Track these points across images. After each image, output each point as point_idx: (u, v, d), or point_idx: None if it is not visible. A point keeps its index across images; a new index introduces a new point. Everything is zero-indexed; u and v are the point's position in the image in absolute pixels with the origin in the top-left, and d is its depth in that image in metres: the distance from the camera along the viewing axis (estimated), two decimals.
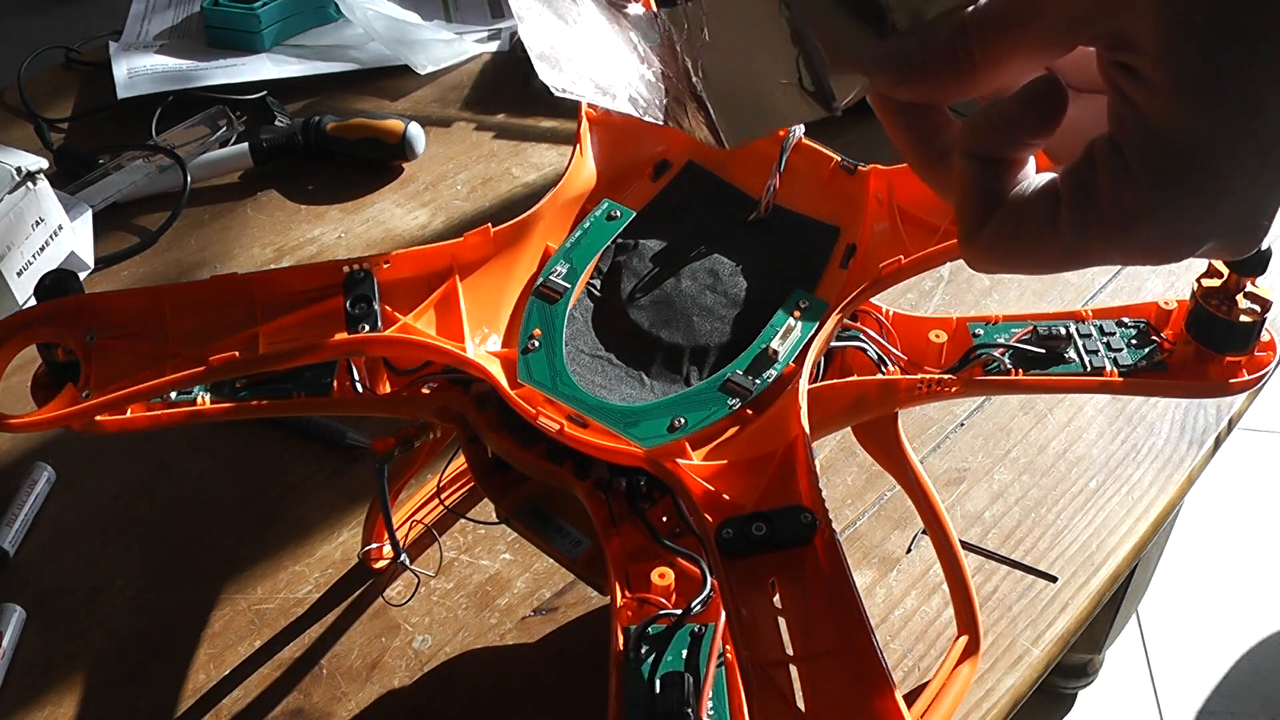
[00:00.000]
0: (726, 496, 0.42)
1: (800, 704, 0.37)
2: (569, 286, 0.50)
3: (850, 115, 0.36)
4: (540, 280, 0.51)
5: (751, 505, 0.41)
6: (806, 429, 0.43)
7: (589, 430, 0.46)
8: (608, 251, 0.53)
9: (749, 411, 0.46)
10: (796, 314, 0.49)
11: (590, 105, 0.57)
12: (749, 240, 0.54)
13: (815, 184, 0.54)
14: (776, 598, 0.40)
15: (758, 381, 0.47)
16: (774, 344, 0.48)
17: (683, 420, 0.46)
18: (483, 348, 0.49)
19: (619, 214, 0.53)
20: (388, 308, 0.47)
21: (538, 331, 0.49)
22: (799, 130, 0.55)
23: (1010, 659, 0.61)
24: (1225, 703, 1.38)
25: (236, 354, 0.45)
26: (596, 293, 0.52)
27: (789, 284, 0.51)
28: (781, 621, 0.39)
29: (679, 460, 0.44)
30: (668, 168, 0.56)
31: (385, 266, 0.48)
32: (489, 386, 0.47)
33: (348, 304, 0.46)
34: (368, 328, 0.46)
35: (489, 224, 0.50)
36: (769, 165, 0.55)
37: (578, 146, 0.55)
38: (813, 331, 0.49)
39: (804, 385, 0.45)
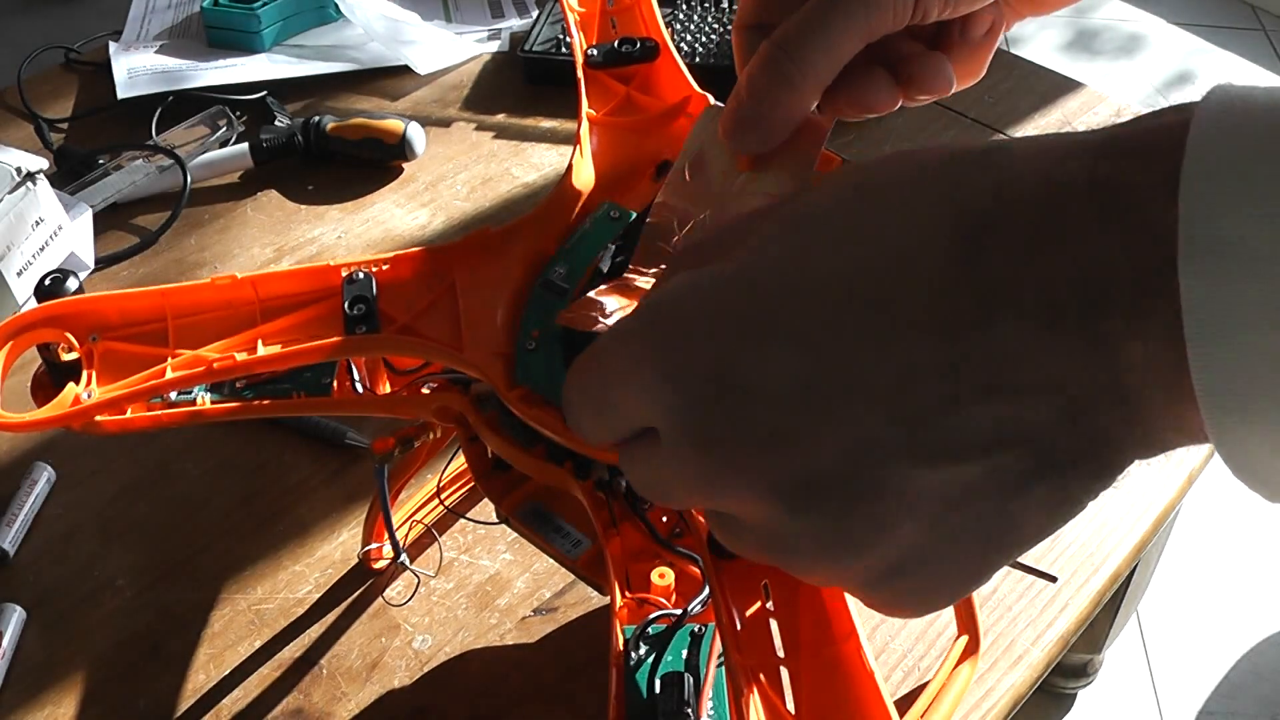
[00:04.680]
0: None
1: (790, 706, 0.37)
2: (568, 287, 0.50)
3: None
4: (540, 281, 0.51)
5: None
6: None
7: None
8: (608, 252, 0.53)
9: None
10: None
11: (591, 106, 0.57)
12: None
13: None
14: (769, 601, 0.40)
15: None
16: None
17: None
18: (481, 349, 0.49)
19: (619, 215, 0.53)
20: (386, 309, 0.47)
21: (536, 333, 0.49)
22: None
23: (1010, 659, 0.61)
24: (1225, 703, 1.38)
25: (236, 355, 0.45)
26: None
27: None
28: (773, 623, 0.39)
29: None
30: (668, 169, 0.56)
31: (384, 268, 0.48)
32: (489, 387, 0.47)
33: (346, 305, 0.47)
34: (366, 329, 0.46)
35: (488, 225, 0.50)
36: None
37: (578, 147, 0.55)
38: None
39: None
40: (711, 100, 0.57)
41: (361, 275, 0.47)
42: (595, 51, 0.58)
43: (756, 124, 0.40)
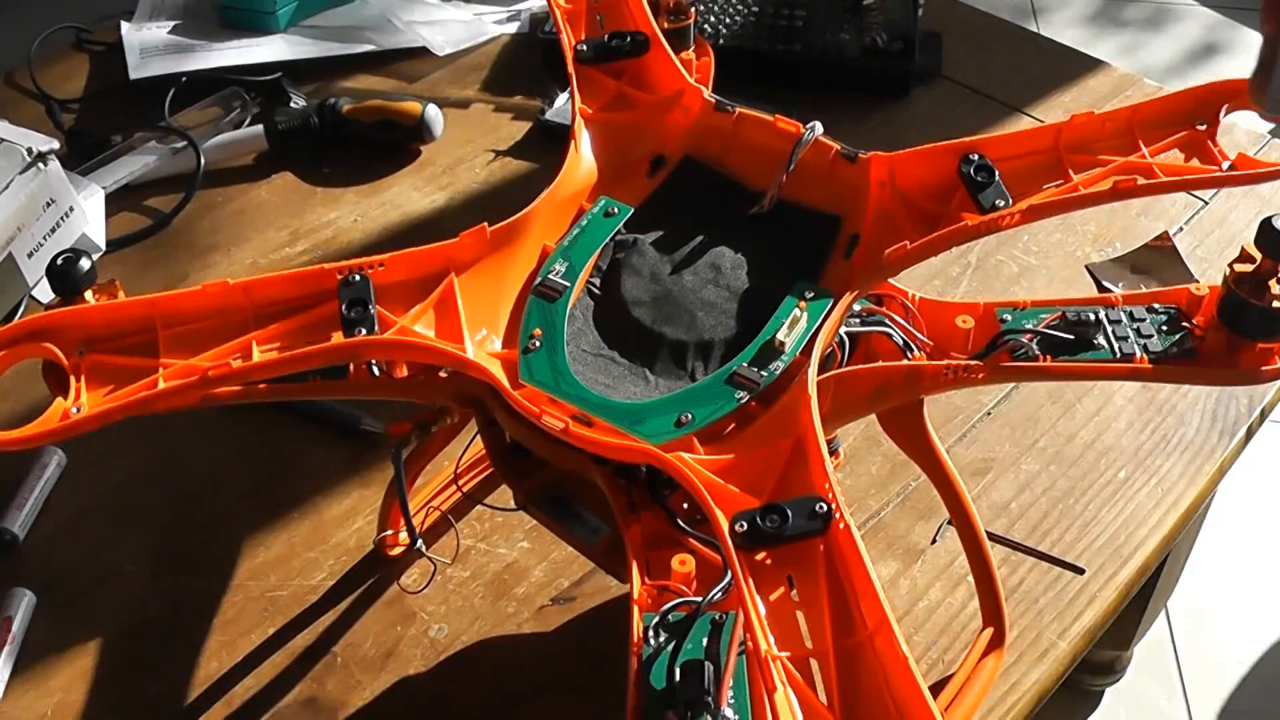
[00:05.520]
0: (737, 490, 0.41)
1: (823, 698, 0.36)
2: (568, 285, 0.50)
3: (851, 112, 0.35)
4: (539, 279, 0.50)
5: (764, 498, 0.41)
6: (818, 419, 0.42)
7: (594, 429, 0.45)
8: (606, 249, 0.52)
9: (757, 404, 0.46)
10: (802, 304, 0.48)
11: (584, 102, 0.56)
12: (749, 233, 0.53)
13: (815, 173, 0.54)
14: (793, 590, 0.39)
15: (764, 374, 0.46)
16: (780, 335, 0.47)
17: (690, 416, 0.45)
18: (483, 349, 0.48)
19: (616, 210, 0.53)
20: (384, 311, 0.46)
21: (538, 331, 0.48)
22: (818, 128, 0.54)
23: (1036, 652, 0.59)
24: (1254, 702, 1.37)
25: (232, 362, 0.44)
26: (596, 290, 0.51)
27: (792, 275, 0.50)
28: (800, 614, 0.38)
29: (687, 456, 0.43)
30: (663, 164, 0.56)
31: (380, 269, 0.47)
32: None
33: (343, 308, 0.46)
34: (364, 331, 0.45)
35: (484, 223, 0.49)
36: (767, 157, 0.54)
37: (572, 144, 0.54)
38: (819, 321, 0.48)
39: (813, 375, 0.44)
40: (706, 93, 0.55)
41: (358, 277, 0.47)
42: (585, 46, 0.58)
43: None
